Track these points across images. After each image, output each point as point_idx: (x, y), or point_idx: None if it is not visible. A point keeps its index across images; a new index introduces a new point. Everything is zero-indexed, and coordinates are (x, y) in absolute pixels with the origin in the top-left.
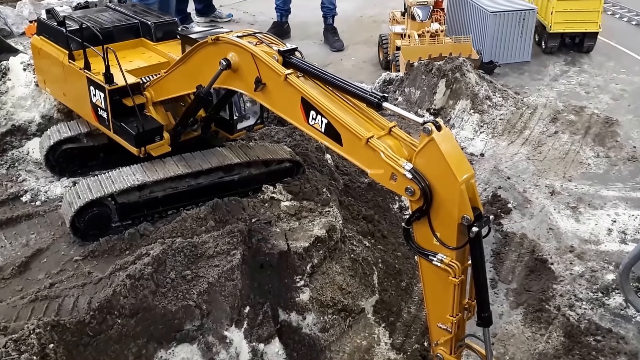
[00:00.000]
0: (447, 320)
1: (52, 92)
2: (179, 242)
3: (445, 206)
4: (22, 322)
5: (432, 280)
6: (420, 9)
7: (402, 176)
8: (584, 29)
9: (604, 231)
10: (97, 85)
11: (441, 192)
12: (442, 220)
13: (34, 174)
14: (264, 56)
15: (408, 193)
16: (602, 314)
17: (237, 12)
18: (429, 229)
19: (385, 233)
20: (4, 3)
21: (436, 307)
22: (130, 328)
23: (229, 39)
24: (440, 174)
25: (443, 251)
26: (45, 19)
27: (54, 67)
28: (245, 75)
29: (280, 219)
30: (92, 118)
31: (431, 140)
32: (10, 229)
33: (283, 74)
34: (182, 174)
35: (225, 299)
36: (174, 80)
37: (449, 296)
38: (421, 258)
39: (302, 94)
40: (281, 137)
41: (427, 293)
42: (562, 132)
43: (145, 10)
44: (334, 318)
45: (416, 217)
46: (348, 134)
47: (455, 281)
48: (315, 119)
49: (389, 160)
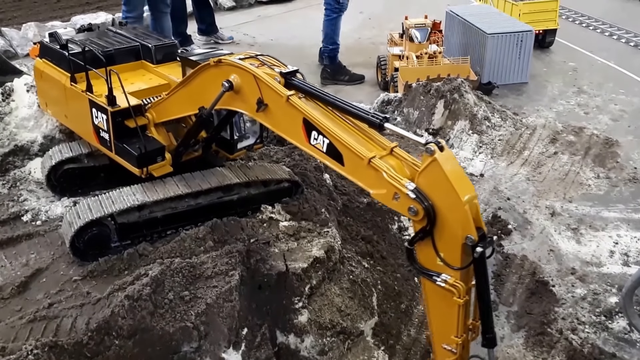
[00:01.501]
0: (452, 341)
1: (53, 114)
2: (178, 262)
3: (449, 226)
4: (20, 342)
5: (436, 300)
6: (418, 30)
7: (405, 196)
8: (545, 27)
9: (605, 253)
10: (99, 107)
11: (445, 212)
12: (446, 240)
13: (35, 193)
14: (266, 78)
15: (411, 213)
16: (606, 338)
17: (237, 34)
18: (433, 249)
19: (385, 254)
20: (9, 25)
21: (440, 327)
22: (128, 349)
23: (230, 61)
24: (444, 194)
25: (447, 271)
26: (47, 42)
27: (55, 89)
28: (247, 97)
29: (279, 239)
30: (94, 139)
31: (434, 160)
32: (10, 248)
33: (285, 95)
34: (181, 194)
35: (223, 320)
36: (176, 102)
37: (453, 317)
38: (424, 278)
39: (304, 115)
40: (280, 157)
41: (431, 314)
42: (562, 153)
43: (145, 33)
44: (333, 340)
45: (419, 238)
46: (350, 154)
47: (459, 301)
48: (317, 139)
49: (392, 180)
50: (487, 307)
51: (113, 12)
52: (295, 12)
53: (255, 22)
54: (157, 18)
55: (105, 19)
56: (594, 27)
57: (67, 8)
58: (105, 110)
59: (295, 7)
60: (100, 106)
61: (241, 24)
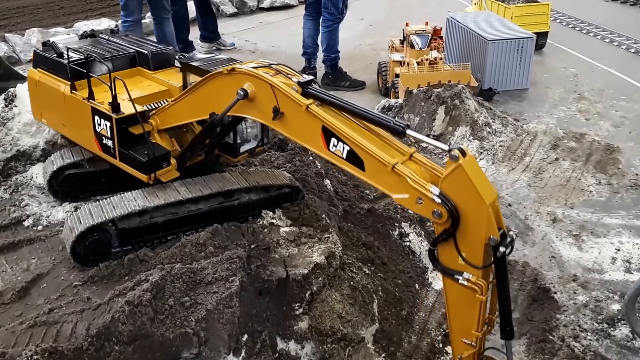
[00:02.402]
0: (472, 335)
1: (49, 123)
2: (178, 268)
3: (472, 228)
4: (20, 348)
5: (457, 298)
6: (419, 37)
7: (429, 200)
8: (537, 29)
9: (607, 260)
10: (102, 115)
11: (468, 214)
12: (469, 241)
13: (36, 198)
14: (284, 87)
15: (435, 216)
16: (608, 346)
17: (238, 40)
18: (455, 249)
19: (385, 260)
20: (13, 31)
21: (460, 323)
22: (128, 355)
23: (245, 70)
24: (468, 197)
25: (469, 270)
26: (42, 51)
27: (53, 98)
28: (261, 105)
29: (280, 245)
30: (96, 148)
31: (458, 166)
32: (11, 253)
33: (305, 104)
34: (182, 200)
35: (224, 326)
36: (183, 108)
37: (474, 312)
38: (446, 277)
39: (324, 123)
40: (281, 162)
41: (451, 310)
42: (563, 159)
43: (139, 40)
44: (333, 347)
45: (442, 239)
46: (372, 161)
47: (482, 298)
48: (337, 146)
49: (417, 185)
50: (507, 302)
51: (116, 19)
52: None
53: (257, 29)
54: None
55: (108, 25)
56: (595, 33)
57: (70, 14)
58: (109, 117)
59: (296, 13)
60: (103, 113)
61: (243, 30)
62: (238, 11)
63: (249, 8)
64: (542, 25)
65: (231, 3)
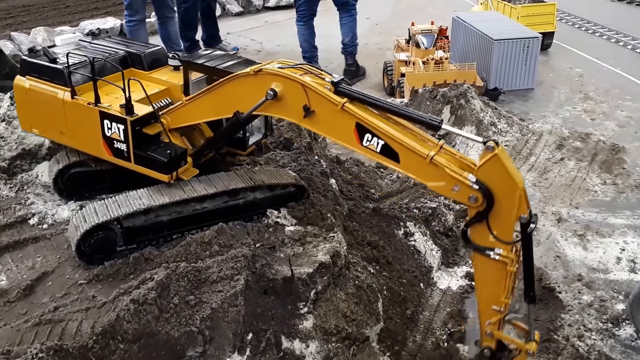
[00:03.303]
0: (502, 302)
1: (42, 133)
2: (183, 266)
3: (505, 209)
4: (25, 346)
5: (488, 271)
6: (425, 36)
7: (466, 187)
8: (543, 29)
9: (612, 260)
10: (113, 118)
11: (502, 197)
12: (501, 220)
13: (42, 197)
14: (318, 87)
15: (471, 201)
16: (613, 345)
17: (244, 40)
18: (487, 229)
19: (390, 259)
20: (19, 30)
21: (490, 293)
22: (133, 354)
23: (274, 71)
24: (503, 183)
25: (499, 246)
26: (30, 58)
27: (48, 106)
28: (290, 104)
29: (285, 244)
30: (105, 153)
31: (495, 155)
32: (17, 251)
33: (340, 102)
34: (187, 199)
35: (228, 325)
36: (201, 107)
37: (502, 282)
38: (477, 254)
39: (358, 120)
40: (286, 161)
41: (481, 283)
42: (568, 159)
43: (126, 41)
44: (338, 346)
45: (476, 220)
46: (408, 153)
47: (512, 270)
48: (371, 141)
49: (455, 174)
50: (531, 272)
51: (121, 18)
52: None
53: (263, 28)
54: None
55: (114, 24)
56: (601, 33)
57: (76, 13)
58: (122, 120)
59: None
60: (115, 117)
61: (248, 29)
62: (244, 10)
63: (254, 7)
64: (548, 25)
65: (237, 2)
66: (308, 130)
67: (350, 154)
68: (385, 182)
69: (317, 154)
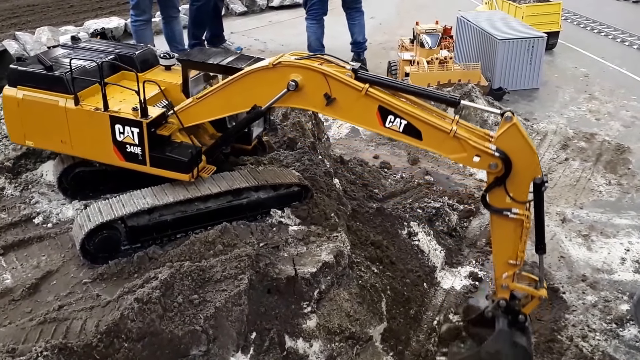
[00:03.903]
0: (518, 256)
1: (39, 144)
2: (187, 266)
3: (522, 172)
4: (30, 344)
5: (506, 230)
6: (429, 36)
7: (487, 155)
8: (548, 29)
9: (617, 260)
10: (126, 122)
11: (519, 162)
12: (518, 183)
13: (46, 196)
14: (341, 75)
15: (491, 167)
16: (617, 346)
17: (248, 39)
18: (504, 192)
19: (394, 259)
20: (23, 29)
21: (507, 249)
22: (137, 352)
23: (294, 63)
24: (520, 149)
25: (515, 206)
26: (21, 67)
27: (47, 116)
28: (310, 94)
29: (288, 244)
30: (116, 158)
31: (513, 125)
32: (21, 250)
33: (363, 88)
34: (191, 198)
35: (232, 324)
36: (213, 104)
37: (518, 238)
38: (495, 215)
39: (381, 103)
40: (290, 161)
41: (499, 241)
42: (573, 159)
43: (112, 44)
44: (341, 346)
45: (495, 185)
46: (431, 130)
47: (528, 226)
48: (393, 122)
49: (477, 144)
50: (542, 226)
51: (125, 17)
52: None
53: (267, 28)
54: (168, 22)
55: (118, 24)
56: (606, 33)
57: (80, 13)
58: (137, 123)
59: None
60: (128, 120)
61: (252, 29)
62: (248, 10)
63: (258, 7)
64: (553, 24)
65: (241, 2)
66: (312, 130)
67: (354, 154)
68: (389, 182)
69: (320, 153)
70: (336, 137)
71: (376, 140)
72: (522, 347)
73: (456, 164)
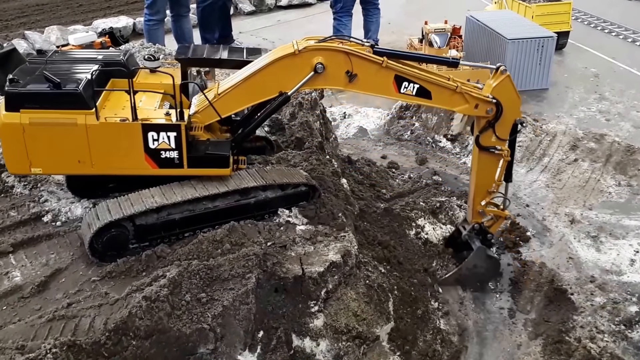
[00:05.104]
0: (497, 184)
1: (48, 170)
2: (195, 264)
3: (509, 116)
4: (39, 341)
5: (489, 164)
6: (438, 35)
7: (485, 103)
8: (558, 29)
9: (626, 262)
10: (162, 128)
11: (507, 107)
12: (504, 125)
13: (55, 194)
14: (362, 53)
15: (488, 112)
16: (625, 348)
17: (256, 39)
18: (493, 132)
19: (401, 259)
20: (32, 28)
21: (487, 179)
22: (145, 350)
23: (319, 46)
24: (510, 97)
25: (499, 144)
26: (21, 89)
27: (61, 137)
28: (332, 74)
29: (296, 243)
30: (148, 167)
31: (507, 76)
32: (31, 248)
33: (382, 61)
34: (199, 197)
35: (240, 322)
36: (237, 97)
37: (497, 170)
38: (482, 152)
39: (397, 72)
40: (298, 161)
41: (482, 174)
42: (582, 160)
43: (89, 51)
44: (348, 345)
45: (486, 128)
46: (439, 90)
47: (508, 159)
48: (407, 87)
49: (478, 95)
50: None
51: (134, 16)
52: (314, 17)
53: (275, 27)
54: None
55: (126, 23)
56: (617, 33)
57: (89, 12)
58: (174, 127)
59: (314, 12)
60: (164, 126)
61: (260, 28)
62: (256, 9)
63: (266, 6)
64: (564, 24)
65: (249, 1)
66: (319, 129)
67: (362, 154)
68: (397, 182)
69: (328, 153)
70: (344, 137)
71: (384, 140)
72: (494, 259)
73: (464, 164)
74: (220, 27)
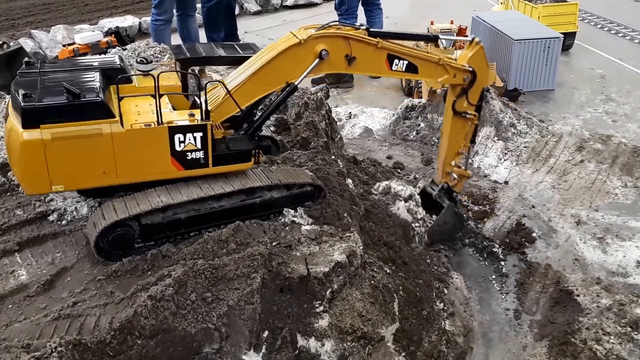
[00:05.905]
0: (465, 146)
1: (70, 185)
2: (201, 264)
3: (480, 83)
4: (44, 340)
5: (461, 127)
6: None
7: (462, 72)
8: (565, 30)
9: (632, 263)
10: (188, 129)
11: (480, 75)
12: (475, 91)
13: (61, 194)
14: (360, 36)
15: (465, 80)
16: (632, 350)
17: (261, 39)
18: (465, 99)
19: (407, 260)
20: (39, 28)
21: (457, 142)
22: (150, 349)
23: (322, 34)
24: (482, 66)
25: (470, 109)
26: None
27: (86, 149)
28: (334, 59)
29: (301, 243)
30: (174, 170)
31: (481, 47)
32: (37, 247)
33: (376, 42)
34: (204, 197)
35: (245, 322)
36: (248, 91)
37: (466, 133)
38: (455, 117)
39: (389, 51)
40: (303, 161)
41: (455, 138)
42: (589, 161)
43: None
44: (353, 345)
45: (461, 95)
46: (424, 63)
47: (476, 122)
48: (398, 64)
49: (457, 65)
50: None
51: (140, 16)
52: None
53: (281, 27)
54: (183, 20)
55: (132, 22)
56: (624, 34)
57: (95, 11)
58: (200, 127)
59: (320, 11)
60: (190, 127)
61: (266, 28)
62: (262, 9)
63: (272, 6)
64: (570, 25)
65: (255, 1)
66: (325, 129)
67: (367, 154)
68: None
69: (334, 153)
70: (349, 137)
71: (389, 141)
72: (460, 214)
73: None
74: (225, 26)
